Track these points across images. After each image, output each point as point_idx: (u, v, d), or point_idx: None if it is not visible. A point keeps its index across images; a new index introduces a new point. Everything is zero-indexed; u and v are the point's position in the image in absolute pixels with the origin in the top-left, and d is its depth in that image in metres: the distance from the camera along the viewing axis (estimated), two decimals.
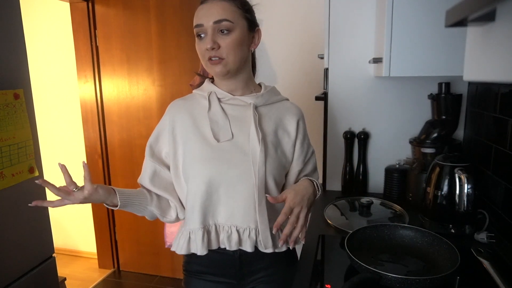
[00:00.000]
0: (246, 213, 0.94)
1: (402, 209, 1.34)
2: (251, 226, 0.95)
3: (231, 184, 0.92)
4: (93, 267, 2.77)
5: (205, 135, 0.95)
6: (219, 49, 0.90)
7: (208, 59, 0.91)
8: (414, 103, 1.50)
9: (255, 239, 0.95)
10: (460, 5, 0.61)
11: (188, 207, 0.97)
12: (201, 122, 0.96)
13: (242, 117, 0.97)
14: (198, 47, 0.94)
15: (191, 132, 0.95)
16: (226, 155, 0.93)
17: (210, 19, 0.89)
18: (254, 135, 0.94)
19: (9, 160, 1.23)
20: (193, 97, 1.02)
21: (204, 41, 0.91)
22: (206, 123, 0.95)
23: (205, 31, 0.90)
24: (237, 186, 0.93)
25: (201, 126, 0.96)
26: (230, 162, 0.93)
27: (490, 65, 0.64)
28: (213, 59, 0.91)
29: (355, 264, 0.90)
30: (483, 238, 1.10)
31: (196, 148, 0.94)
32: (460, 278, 0.91)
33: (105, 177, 2.60)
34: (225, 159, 0.93)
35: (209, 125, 0.94)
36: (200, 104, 0.99)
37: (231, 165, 0.93)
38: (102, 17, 2.40)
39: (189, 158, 0.94)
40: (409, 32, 1.14)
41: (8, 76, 1.25)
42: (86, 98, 2.52)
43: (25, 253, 1.32)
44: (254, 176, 0.92)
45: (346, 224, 1.27)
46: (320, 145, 1.70)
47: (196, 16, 0.92)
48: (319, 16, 1.97)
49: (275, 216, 0.91)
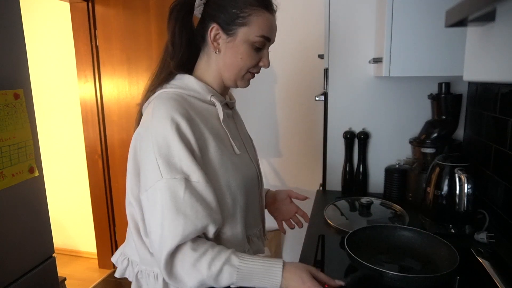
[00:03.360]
0: (257, 215, 0.96)
1: (402, 209, 1.34)
2: (259, 227, 0.97)
3: (253, 190, 0.92)
4: (93, 267, 2.77)
5: (226, 144, 0.84)
6: None
7: (252, 72, 0.87)
8: (414, 103, 1.50)
9: (263, 238, 0.98)
10: (460, 5, 0.61)
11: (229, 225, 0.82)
12: (217, 130, 0.84)
13: (232, 123, 0.94)
14: (251, 56, 0.83)
15: (214, 143, 0.80)
16: (246, 163, 0.91)
17: (275, 37, 0.86)
18: (250, 143, 0.97)
19: (9, 160, 1.23)
20: (187, 101, 0.82)
21: (260, 55, 0.85)
22: (221, 131, 0.85)
23: (265, 46, 0.85)
24: (254, 194, 0.93)
25: (218, 134, 0.83)
26: (250, 169, 0.91)
27: (490, 65, 0.64)
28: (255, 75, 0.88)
29: (355, 262, 0.90)
30: (483, 238, 1.09)
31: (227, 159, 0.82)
32: (460, 278, 0.91)
33: (105, 177, 2.60)
34: (248, 167, 0.90)
35: (226, 135, 0.85)
36: (204, 109, 0.84)
37: (251, 172, 0.91)
38: (102, 17, 2.39)
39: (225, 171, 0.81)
40: (409, 32, 1.14)
41: (8, 76, 1.24)
42: (86, 98, 2.52)
43: (25, 253, 1.32)
44: (259, 178, 0.95)
45: (346, 224, 1.26)
46: (320, 145, 1.70)
47: (265, 24, 0.82)
48: (319, 16, 1.97)
49: None
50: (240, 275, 0.71)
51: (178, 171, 0.72)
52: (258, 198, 0.96)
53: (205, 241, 0.75)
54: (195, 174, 0.73)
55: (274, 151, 2.24)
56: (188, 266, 0.71)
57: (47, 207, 1.42)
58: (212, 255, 0.72)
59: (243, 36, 0.81)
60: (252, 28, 0.80)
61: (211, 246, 0.74)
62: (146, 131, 0.76)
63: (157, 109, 0.76)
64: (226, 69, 0.85)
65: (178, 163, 0.73)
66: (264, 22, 0.81)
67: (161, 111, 0.75)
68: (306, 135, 2.17)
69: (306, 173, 2.21)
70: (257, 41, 0.81)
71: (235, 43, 0.82)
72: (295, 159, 2.23)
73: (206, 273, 0.71)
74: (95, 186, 2.62)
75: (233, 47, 0.82)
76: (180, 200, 0.71)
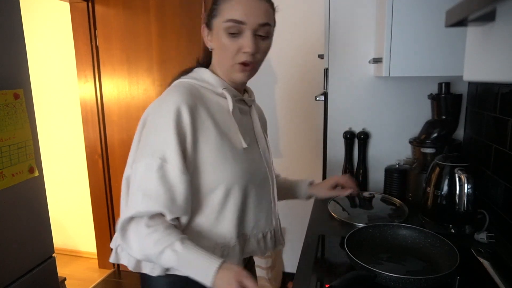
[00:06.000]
0: (268, 216, 0.95)
1: (401, 203, 1.39)
2: (271, 228, 0.96)
3: (259, 189, 0.91)
4: (93, 267, 2.78)
5: (230, 138, 0.85)
6: (256, 55, 0.83)
7: (239, 62, 0.83)
8: (414, 103, 1.50)
9: (275, 239, 0.97)
10: (460, 5, 0.61)
11: (216, 218, 0.85)
12: (223, 122, 0.85)
13: (248, 119, 0.95)
14: (227, 45, 0.82)
15: (215, 135, 0.83)
16: (253, 159, 0.90)
17: (256, 20, 0.80)
18: (262, 139, 0.95)
19: (9, 160, 1.23)
20: (199, 91, 0.86)
21: (240, 41, 0.81)
22: (228, 124, 0.86)
23: (243, 30, 0.81)
24: (260, 192, 0.91)
25: (223, 127, 0.85)
26: (256, 166, 0.91)
27: (490, 65, 0.64)
28: (247, 64, 0.83)
29: (352, 261, 0.90)
30: (483, 238, 1.09)
31: (227, 153, 0.83)
32: (460, 278, 0.91)
33: (105, 177, 2.60)
34: (250, 165, 0.89)
35: (235, 127, 0.86)
36: (214, 101, 0.86)
37: (257, 170, 0.91)
38: (102, 17, 2.39)
39: (221, 164, 0.82)
40: (409, 32, 1.14)
41: (8, 76, 1.24)
42: (86, 98, 2.52)
43: (25, 253, 1.32)
44: (270, 180, 0.95)
45: (349, 218, 1.30)
46: (320, 145, 1.70)
47: (233, 9, 0.80)
48: (319, 16, 1.97)
49: None
50: (180, 262, 0.74)
51: (159, 155, 0.76)
52: (266, 198, 0.94)
53: (163, 221, 0.77)
54: (174, 161, 0.76)
55: (274, 151, 2.24)
56: (138, 237, 0.77)
57: (47, 207, 1.42)
58: (160, 235, 0.75)
59: (217, 26, 0.83)
60: (222, 15, 0.82)
61: (165, 227, 0.77)
62: (153, 110, 0.82)
63: (167, 95, 0.82)
64: (217, 63, 0.89)
65: (163, 148, 0.77)
66: (232, 6, 0.81)
67: (169, 97, 0.80)
68: (306, 135, 2.18)
69: (306, 173, 2.20)
70: (228, 27, 0.81)
71: (214, 35, 0.86)
72: (295, 159, 2.23)
73: (150, 250, 0.75)
74: (95, 186, 2.62)
75: (215, 40, 0.86)
76: (148, 180, 0.76)
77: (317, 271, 0.98)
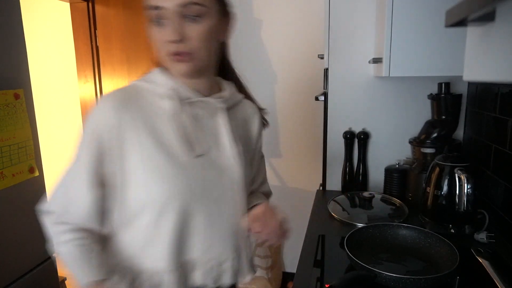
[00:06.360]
0: (226, 241, 0.80)
1: (401, 203, 1.39)
2: (231, 256, 0.82)
3: (213, 208, 0.77)
4: None
5: (169, 148, 0.73)
6: (187, 42, 0.69)
7: (170, 54, 0.70)
8: (414, 103, 1.50)
9: (237, 269, 0.83)
10: (460, 5, 0.61)
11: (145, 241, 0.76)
12: (161, 129, 0.73)
13: (211, 125, 0.78)
14: (155, 36, 0.71)
15: (148, 144, 0.71)
16: (200, 174, 0.75)
17: (174, 1, 0.67)
18: (228, 148, 0.79)
19: (9, 160, 1.23)
20: (139, 93, 0.75)
21: (165, 29, 0.69)
22: (168, 131, 0.73)
23: (163, 16, 0.68)
24: (215, 212, 0.77)
25: (161, 135, 0.73)
26: (206, 183, 0.75)
27: (490, 65, 0.64)
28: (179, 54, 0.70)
29: (352, 261, 0.90)
30: (483, 238, 1.10)
31: (161, 167, 0.71)
32: (460, 278, 0.91)
33: None
34: (200, 180, 0.75)
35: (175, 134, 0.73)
36: (154, 105, 0.74)
37: (207, 187, 0.76)
38: (102, 17, 2.39)
39: (151, 180, 0.71)
40: (409, 32, 1.14)
41: (8, 76, 1.24)
42: (86, 98, 2.52)
43: (25, 253, 1.32)
44: (234, 198, 0.79)
45: (349, 218, 1.30)
46: (320, 145, 1.70)
47: None
48: (319, 16, 1.97)
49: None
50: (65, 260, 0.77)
51: (78, 157, 0.76)
52: (224, 218, 0.79)
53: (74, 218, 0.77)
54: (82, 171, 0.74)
55: (274, 151, 2.24)
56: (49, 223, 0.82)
57: None
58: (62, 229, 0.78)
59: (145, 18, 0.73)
60: (144, 4, 0.72)
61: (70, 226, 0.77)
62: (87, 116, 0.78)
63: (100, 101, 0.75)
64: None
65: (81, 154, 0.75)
66: None
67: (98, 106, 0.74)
68: (306, 135, 2.17)
69: (306, 173, 2.21)
70: (150, 15, 0.70)
71: None
72: (295, 159, 2.23)
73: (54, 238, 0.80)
74: None
75: None
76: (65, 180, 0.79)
77: (317, 271, 0.98)
